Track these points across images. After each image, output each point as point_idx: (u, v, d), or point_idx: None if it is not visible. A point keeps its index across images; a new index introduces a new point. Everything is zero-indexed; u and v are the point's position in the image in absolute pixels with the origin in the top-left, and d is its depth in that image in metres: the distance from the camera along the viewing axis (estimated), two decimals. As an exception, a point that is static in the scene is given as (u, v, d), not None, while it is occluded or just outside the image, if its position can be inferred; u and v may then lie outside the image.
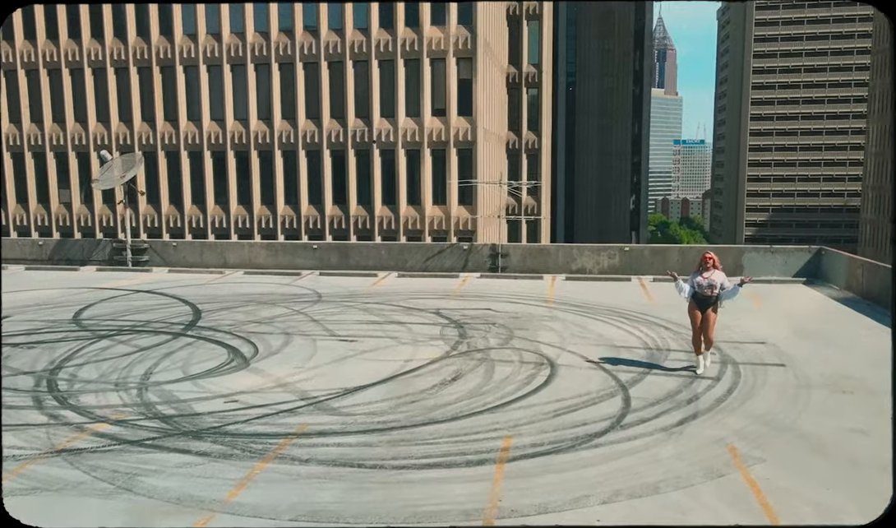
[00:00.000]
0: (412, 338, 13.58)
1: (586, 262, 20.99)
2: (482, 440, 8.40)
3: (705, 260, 10.68)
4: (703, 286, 10.59)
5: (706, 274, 10.60)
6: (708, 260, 10.67)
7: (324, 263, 22.06)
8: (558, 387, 10.44)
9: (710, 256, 10.73)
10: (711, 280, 10.56)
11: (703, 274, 10.63)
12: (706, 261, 10.66)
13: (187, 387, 10.52)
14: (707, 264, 10.65)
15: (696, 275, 10.74)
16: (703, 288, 10.59)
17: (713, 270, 10.63)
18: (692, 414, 9.23)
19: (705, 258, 10.70)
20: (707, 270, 10.63)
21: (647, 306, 16.45)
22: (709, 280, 10.57)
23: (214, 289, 19.34)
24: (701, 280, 10.62)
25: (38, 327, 14.75)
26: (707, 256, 10.75)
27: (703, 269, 10.66)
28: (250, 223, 34.05)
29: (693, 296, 10.74)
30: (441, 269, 21.55)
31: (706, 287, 10.57)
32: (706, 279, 10.59)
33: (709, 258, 10.70)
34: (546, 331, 14.07)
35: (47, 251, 23.60)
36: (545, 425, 8.90)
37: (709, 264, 10.65)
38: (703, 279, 10.60)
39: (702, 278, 10.62)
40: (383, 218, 33.19)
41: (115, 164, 22.61)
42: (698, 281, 10.65)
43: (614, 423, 8.94)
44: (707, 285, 10.58)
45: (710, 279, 10.57)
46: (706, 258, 10.69)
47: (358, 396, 10.11)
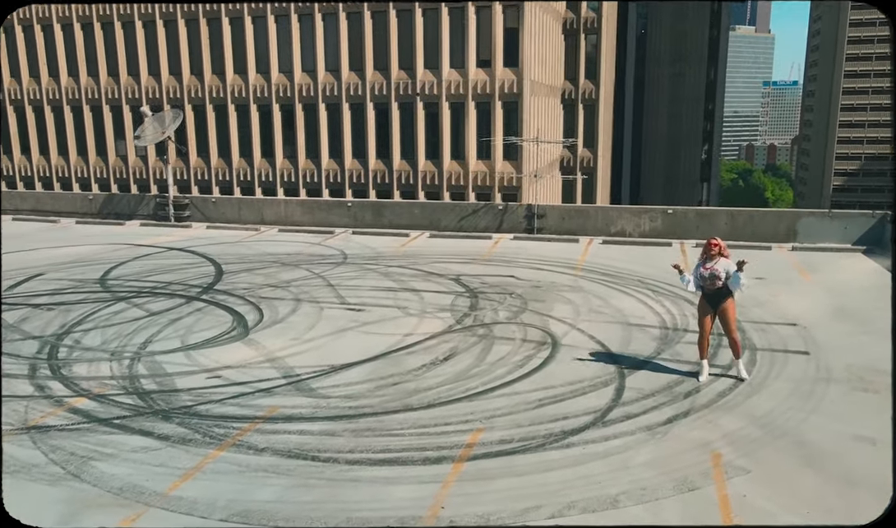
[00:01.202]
0: (421, 308, 13.23)
1: (626, 224, 20.01)
2: (450, 434, 8.03)
3: (710, 247, 9.33)
4: (706, 278, 9.36)
5: (708, 264, 9.35)
6: (713, 247, 9.35)
7: (358, 220, 21.86)
8: (552, 372, 9.91)
9: (716, 243, 9.41)
10: (714, 271, 9.29)
11: (704, 265, 9.40)
12: (710, 248, 9.26)
13: (178, 359, 10.54)
14: (711, 252, 9.26)
15: (699, 266, 9.50)
16: (706, 280, 9.36)
17: (718, 258, 9.36)
18: (685, 411, 8.57)
19: (710, 245, 9.32)
20: (711, 258, 9.36)
21: (675, 281, 15.49)
22: (711, 271, 9.30)
23: (244, 247, 19.46)
24: (703, 271, 9.29)
25: (65, 286, 15.16)
26: (712, 242, 9.44)
27: (707, 258, 9.29)
28: (295, 177, 34.18)
29: (701, 291, 9.55)
30: (475, 229, 21.01)
31: (708, 279, 9.34)
32: (708, 270, 9.32)
33: (714, 245, 9.37)
34: (562, 304, 13.45)
35: (97, 205, 24.31)
36: (522, 417, 8.44)
37: (713, 252, 9.35)
38: (705, 271, 9.34)
39: (703, 270, 9.29)
40: (426, 173, 32.67)
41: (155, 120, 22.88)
42: (700, 273, 9.34)
43: (597, 418, 8.39)
44: (709, 277, 9.33)
45: (713, 270, 9.30)
46: (711, 245, 9.38)
47: (342, 375, 9.88)
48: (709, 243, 9.40)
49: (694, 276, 9.48)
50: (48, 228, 23.11)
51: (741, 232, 19.23)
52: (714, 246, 9.32)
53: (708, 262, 9.31)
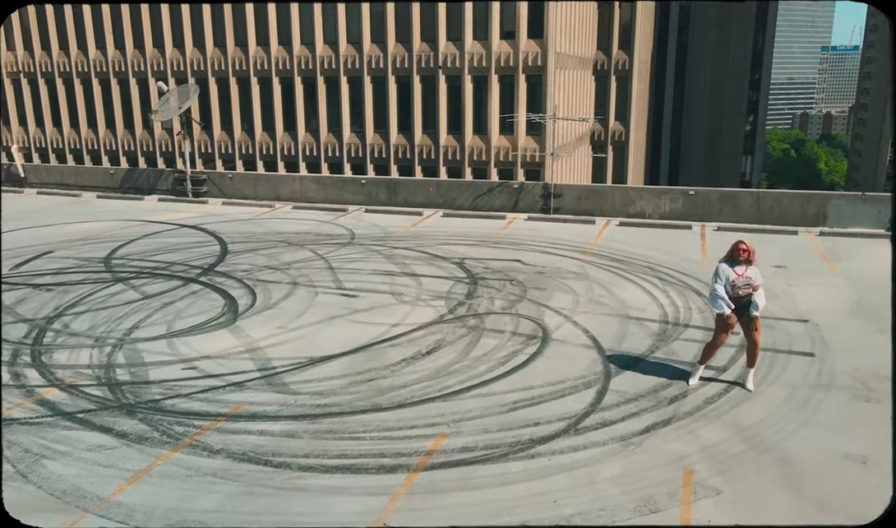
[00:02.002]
0: (416, 295, 12.90)
1: (645, 205, 19.26)
2: (412, 439, 7.72)
3: (738, 252, 8.37)
4: (739, 286, 8.36)
5: (739, 270, 8.37)
6: (741, 253, 8.36)
7: (372, 198, 21.56)
8: (535, 370, 9.50)
9: (746, 248, 8.38)
10: (748, 278, 8.35)
11: (735, 269, 8.40)
12: (739, 254, 8.37)
13: (160, 347, 10.43)
14: (740, 258, 8.37)
15: (726, 270, 8.44)
16: (738, 288, 8.37)
17: (746, 266, 8.38)
18: (666, 419, 8.09)
19: (739, 250, 8.37)
20: (740, 264, 8.38)
21: (693, 264, 14.83)
22: (745, 278, 8.34)
23: (255, 225, 19.36)
24: (736, 278, 8.36)
25: (69, 265, 15.25)
26: (741, 247, 8.38)
27: (735, 262, 8.41)
28: (317, 151, 33.95)
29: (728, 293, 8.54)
30: (490, 208, 20.50)
31: (742, 286, 8.36)
32: (742, 277, 8.35)
33: (743, 251, 8.35)
34: (563, 293, 12.96)
35: (118, 179, 24.50)
36: (492, 421, 8.07)
37: (742, 258, 8.36)
38: (738, 278, 8.35)
39: (736, 276, 8.37)
40: (448, 148, 32.06)
41: (172, 94, 22.81)
42: (732, 280, 8.35)
43: (571, 425, 7.98)
44: (743, 284, 8.36)
45: (746, 277, 8.34)
46: (740, 250, 8.36)
47: (319, 368, 9.64)
48: (738, 249, 8.43)
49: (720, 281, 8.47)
50: (70, 202, 23.41)
51: (767, 215, 18.34)
52: (743, 252, 8.39)
53: (737, 267, 8.44)
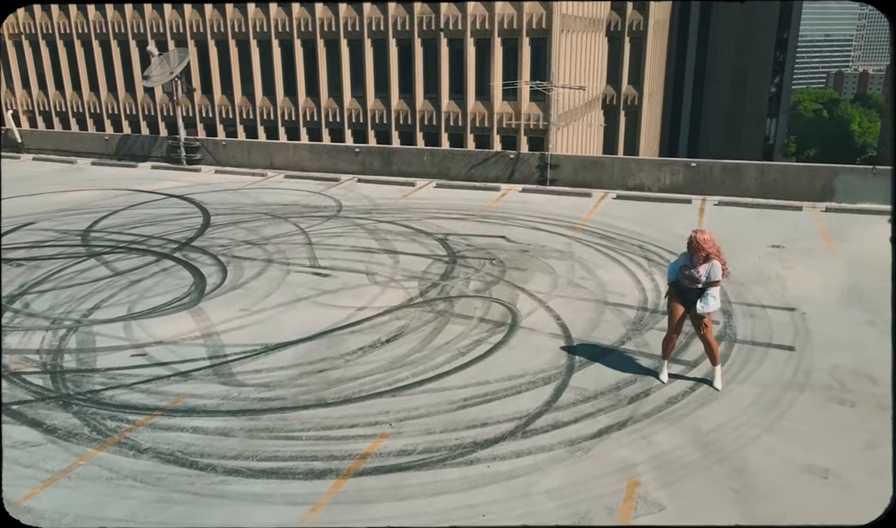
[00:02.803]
0: (390, 275, 12.48)
1: (645, 178, 18.53)
2: (350, 439, 7.36)
3: (697, 249, 7.76)
4: (684, 274, 7.95)
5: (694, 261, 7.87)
6: (700, 251, 7.73)
7: (366, 167, 21.04)
8: (494, 363, 9.07)
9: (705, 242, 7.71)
10: (694, 273, 7.84)
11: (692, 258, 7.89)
12: (698, 251, 7.76)
13: (114, 331, 10.16)
14: (699, 251, 7.75)
15: (685, 257, 8.01)
16: (684, 276, 7.96)
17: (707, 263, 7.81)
18: (622, 421, 7.63)
19: (697, 246, 7.73)
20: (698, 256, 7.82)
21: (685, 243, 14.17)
22: (693, 271, 7.85)
23: (243, 196, 18.99)
24: (685, 267, 7.95)
25: (47, 238, 15.04)
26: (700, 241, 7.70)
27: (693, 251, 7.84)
28: (318, 116, 33.30)
29: (675, 282, 8.17)
30: (485, 179, 19.90)
31: (687, 277, 7.93)
32: (689, 269, 7.89)
33: (702, 247, 7.71)
34: (543, 274, 12.44)
35: (113, 146, 24.23)
36: (438, 421, 7.68)
37: (701, 255, 7.76)
38: (687, 267, 7.91)
39: (688, 265, 7.93)
40: (450, 114, 31.21)
41: (164, 59, 22.35)
42: (682, 266, 7.99)
43: (519, 427, 7.56)
44: (688, 276, 7.91)
45: (695, 271, 7.84)
46: (699, 246, 7.72)
47: (272, 357, 9.30)
48: (695, 243, 7.78)
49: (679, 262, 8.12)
50: (64, 169, 23.22)
51: (772, 189, 17.54)
52: (702, 251, 7.75)
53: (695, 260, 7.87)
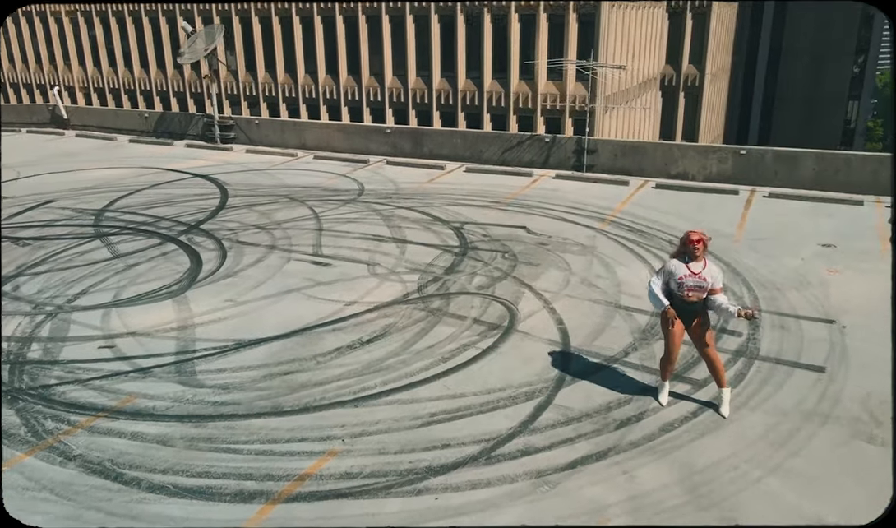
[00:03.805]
0: (392, 266, 11.73)
1: (689, 165, 17.13)
2: (295, 456, 6.67)
3: (692, 246, 6.72)
4: (687, 285, 6.77)
5: (694, 266, 6.76)
6: (696, 245, 6.71)
7: (396, 149, 20.29)
8: (477, 371, 8.21)
9: (700, 238, 6.73)
10: (701, 279, 6.73)
11: (690, 266, 6.78)
12: (695, 248, 6.72)
13: (92, 319, 9.77)
14: (696, 253, 6.74)
15: (676, 267, 6.85)
16: (686, 288, 6.78)
17: (703, 260, 6.79)
18: (603, 451, 6.67)
19: (692, 243, 6.72)
20: (695, 259, 6.76)
21: (723, 239, 12.90)
22: (698, 278, 6.74)
23: (267, 177, 18.54)
24: (685, 276, 6.77)
25: (61, 217, 14.92)
26: (694, 239, 6.71)
27: (689, 257, 6.79)
28: (359, 95, 32.65)
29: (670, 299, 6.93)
30: (519, 163, 18.86)
31: (692, 288, 6.77)
32: (692, 277, 6.75)
33: (696, 242, 6.71)
34: (557, 270, 11.45)
35: (151, 123, 24.24)
36: (395, 439, 6.91)
37: (697, 252, 6.74)
38: (689, 276, 6.75)
39: (687, 273, 6.77)
40: (493, 93, 30.00)
41: (199, 36, 22.08)
42: (679, 278, 6.78)
43: (484, 451, 6.71)
44: (694, 285, 6.75)
45: (700, 278, 6.73)
46: (693, 243, 6.71)
47: (242, 355, 8.70)
48: (691, 241, 6.73)
49: (662, 276, 6.96)
50: (102, 146, 23.35)
51: (831, 180, 15.90)
52: (697, 243, 6.70)
53: (691, 263, 6.79)
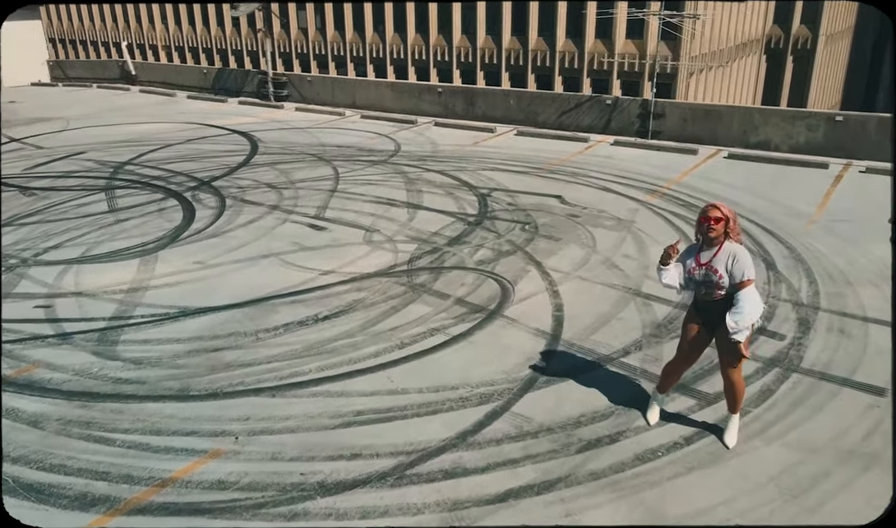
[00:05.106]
0: (392, 234, 10.39)
1: (772, 133, 14.70)
2: (172, 453, 5.51)
3: (705, 222, 4.86)
4: (697, 279, 5.02)
5: (704, 257, 4.97)
6: (711, 223, 4.84)
7: (448, 109, 18.80)
8: (435, 364, 6.78)
9: (718, 216, 4.83)
10: (712, 271, 4.91)
11: (699, 253, 5.01)
12: (708, 225, 4.85)
13: (47, 275, 9.02)
14: (710, 232, 4.87)
15: (688, 255, 5.09)
16: (698, 283, 5.04)
17: (721, 244, 4.91)
18: (550, 480, 5.11)
19: (708, 219, 4.85)
20: (711, 243, 4.92)
21: (797, 220, 10.75)
22: (706, 269, 4.94)
23: (307, 135, 17.54)
24: (692, 271, 5.02)
25: (81, 169, 14.50)
26: (711, 213, 4.84)
27: (706, 238, 4.91)
28: (426, 55, 31.01)
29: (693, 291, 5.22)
30: (576, 127, 16.95)
31: (701, 283, 5.03)
32: (700, 268, 4.97)
33: (712, 219, 4.84)
34: (578, 247, 9.76)
35: (209, 80, 23.82)
36: (299, 441, 5.62)
37: (712, 232, 4.88)
38: (696, 269, 4.99)
39: (694, 267, 5.01)
40: (566, 54, 27.57)
41: (253, -11, 21.32)
42: (689, 270, 5.04)
43: (399, 467, 5.31)
44: (703, 279, 4.99)
45: (709, 268, 4.93)
46: (710, 218, 4.84)
47: (178, 325, 7.65)
48: (704, 216, 4.87)
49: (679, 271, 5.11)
50: (160, 102, 23.14)
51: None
52: (712, 221, 4.85)
53: (703, 250, 4.99)
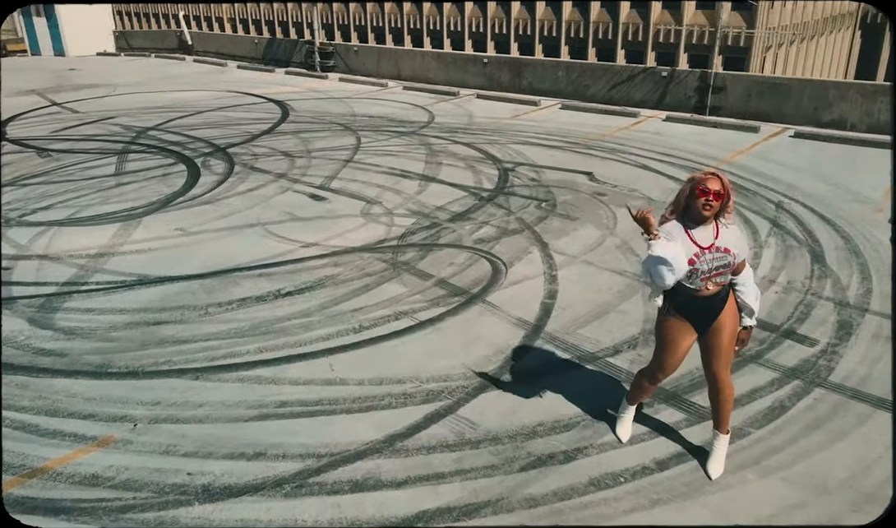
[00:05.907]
0: (393, 207, 9.53)
1: (848, 111, 12.97)
2: (57, 438, 4.86)
3: (702, 195, 3.69)
4: (701, 268, 3.78)
5: (700, 235, 3.78)
6: (711, 197, 3.67)
7: (493, 81, 17.71)
8: (388, 353, 5.90)
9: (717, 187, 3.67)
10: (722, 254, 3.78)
11: (693, 234, 3.79)
12: (706, 199, 3.69)
13: (22, 237, 8.62)
14: (705, 209, 3.71)
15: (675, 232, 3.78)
16: (703, 275, 3.81)
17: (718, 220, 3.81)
18: (473, 505, 4.17)
19: (706, 193, 3.68)
20: (702, 221, 3.77)
21: (860, 206, 9.28)
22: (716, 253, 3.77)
23: (343, 105, 16.84)
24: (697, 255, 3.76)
25: (107, 132, 14.27)
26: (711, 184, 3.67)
27: (697, 215, 3.75)
28: (483, 27, 29.71)
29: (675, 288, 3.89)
30: (627, 102, 15.58)
31: (703, 272, 3.79)
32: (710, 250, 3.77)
33: (712, 192, 3.66)
34: (595, 228, 8.65)
35: (261, 50, 23.46)
36: (201, 435, 4.86)
37: (708, 210, 3.72)
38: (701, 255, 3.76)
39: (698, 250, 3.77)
40: (629, 25, 25.72)
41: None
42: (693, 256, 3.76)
43: (301, 474, 4.47)
44: (714, 266, 3.79)
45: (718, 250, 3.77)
46: (706, 193, 3.67)
47: (129, 294, 7.04)
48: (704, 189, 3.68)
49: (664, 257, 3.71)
50: (210, 71, 22.94)
51: None
52: (710, 195, 3.67)
53: (701, 227, 3.80)
